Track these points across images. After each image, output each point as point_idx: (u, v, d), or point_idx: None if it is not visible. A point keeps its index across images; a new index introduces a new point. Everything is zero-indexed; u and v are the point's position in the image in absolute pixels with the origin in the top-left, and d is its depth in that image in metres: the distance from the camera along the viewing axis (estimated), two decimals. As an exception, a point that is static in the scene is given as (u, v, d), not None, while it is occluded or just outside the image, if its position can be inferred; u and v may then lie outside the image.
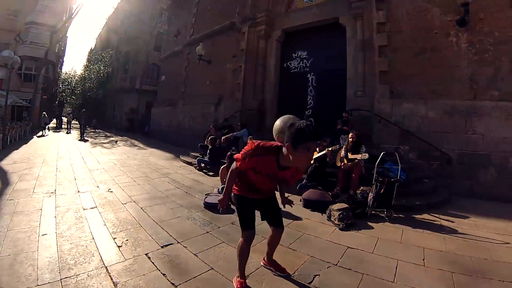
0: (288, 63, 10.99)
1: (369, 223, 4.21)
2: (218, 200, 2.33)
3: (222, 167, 5.72)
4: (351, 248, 3.25)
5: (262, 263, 2.69)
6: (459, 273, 2.73)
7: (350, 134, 5.78)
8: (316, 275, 2.60)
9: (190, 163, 8.81)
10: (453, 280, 2.62)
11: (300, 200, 5.01)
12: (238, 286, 2.28)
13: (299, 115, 9.95)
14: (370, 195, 4.80)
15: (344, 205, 4.37)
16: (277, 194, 2.51)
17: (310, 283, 2.47)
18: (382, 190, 4.67)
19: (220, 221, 3.90)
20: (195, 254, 2.89)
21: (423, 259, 3.03)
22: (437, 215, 4.76)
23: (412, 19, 7.85)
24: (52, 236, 3.07)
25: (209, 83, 13.29)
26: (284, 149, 1.89)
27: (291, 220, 4.12)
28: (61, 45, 29.57)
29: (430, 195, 5.83)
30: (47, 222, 3.49)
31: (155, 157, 10.19)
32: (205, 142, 8.87)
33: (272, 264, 2.62)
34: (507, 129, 6.53)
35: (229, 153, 5.74)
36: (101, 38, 39.68)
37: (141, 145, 14.15)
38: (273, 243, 2.56)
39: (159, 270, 2.53)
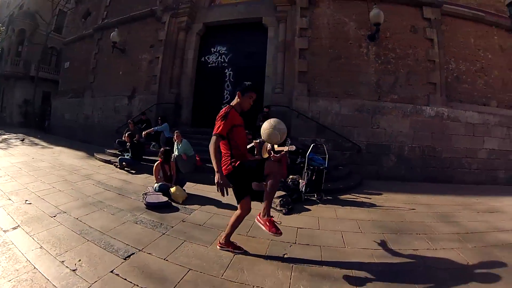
0: (206, 57, 11.03)
1: (306, 206, 4.81)
2: (217, 183, 2.46)
3: (156, 163, 5.47)
4: (300, 228, 3.76)
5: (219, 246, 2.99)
6: (388, 233, 3.69)
7: None
8: (284, 254, 2.99)
9: (109, 162, 8.06)
10: (385, 238, 3.52)
11: None
12: (233, 247, 2.89)
13: (215, 109, 10.55)
14: (302, 182, 5.47)
15: (283, 193, 4.89)
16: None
17: (282, 261, 2.81)
18: (314, 177, 5.38)
19: (170, 221, 3.82)
20: (164, 259, 2.76)
21: (359, 228, 3.87)
22: (356, 195, 5.88)
23: (331, 29, 9.09)
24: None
25: (122, 73, 12.22)
26: (235, 100, 2.86)
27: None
28: None
29: (347, 179, 7.01)
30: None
31: (67, 157, 8.88)
32: (123, 138, 8.28)
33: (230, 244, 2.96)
34: (402, 125, 8.56)
35: (162, 149, 5.63)
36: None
37: (44, 143, 12.03)
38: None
39: (137, 286, 2.31)
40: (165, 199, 4.51)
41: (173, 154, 6.21)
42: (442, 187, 7.38)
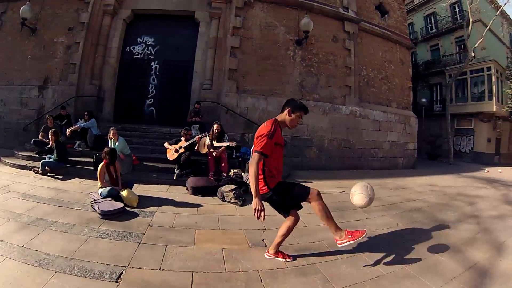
0: (131, 48, 10.31)
1: None
2: (255, 209, 2.47)
3: (100, 166, 4.75)
4: None
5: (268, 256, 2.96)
6: (332, 211, 4.40)
7: (216, 126, 6.61)
8: (263, 239, 3.41)
9: (25, 167, 6.60)
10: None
11: (187, 189, 5.38)
12: (282, 255, 2.90)
13: (139, 103, 10.23)
14: (246, 175, 5.96)
15: (233, 186, 5.22)
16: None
17: (265, 246, 3.19)
18: (257, 169, 5.95)
19: (137, 228, 3.56)
20: (160, 269, 2.60)
21: (308, 210, 4.46)
22: None
23: (263, 30, 9.76)
24: None
25: (31, 58, 10.13)
26: (282, 116, 2.78)
27: (196, 208, 4.53)
28: None
29: None
30: None
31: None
32: (40, 137, 7.41)
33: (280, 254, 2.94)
34: (322, 121, 9.94)
35: (107, 148, 4.92)
36: None
37: None
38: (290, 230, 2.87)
39: None
40: (120, 205, 4.10)
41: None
42: (358, 173, 9.29)
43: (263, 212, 2.49)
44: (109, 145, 6.02)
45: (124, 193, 4.45)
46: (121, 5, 10.17)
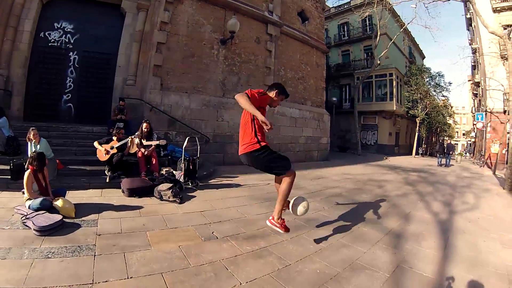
0: (47, 33, 8.97)
1: (189, 194, 5.62)
2: (264, 122, 2.77)
3: (27, 174, 4.13)
4: (203, 211, 4.56)
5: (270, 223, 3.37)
6: (264, 201, 5.42)
7: (145, 125, 6.61)
8: (213, 232, 3.72)
9: None
10: (266, 204, 5.15)
11: (123, 191, 5.25)
12: (283, 226, 3.28)
13: (55, 99, 9.60)
14: (180, 173, 6.36)
15: (169, 184, 5.39)
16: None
17: (217, 238, 3.55)
18: (191, 166, 6.41)
19: (85, 240, 3.24)
20: (129, 278, 2.51)
21: (243, 202, 5.29)
22: (219, 179, 7.44)
23: (190, 27, 9.87)
24: None
25: None
26: (270, 93, 3.27)
27: (138, 210, 4.46)
28: None
29: (204, 167, 8.10)
30: None
31: None
32: None
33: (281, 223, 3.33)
34: None
35: (34, 153, 4.35)
36: None
37: None
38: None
39: None
40: (58, 217, 3.61)
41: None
42: None
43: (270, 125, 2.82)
44: (29, 148, 5.39)
45: (59, 203, 3.98)
46: (38, -19, 8.64)
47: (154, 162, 6.44)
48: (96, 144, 6.11)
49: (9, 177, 5.12)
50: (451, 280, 2.88)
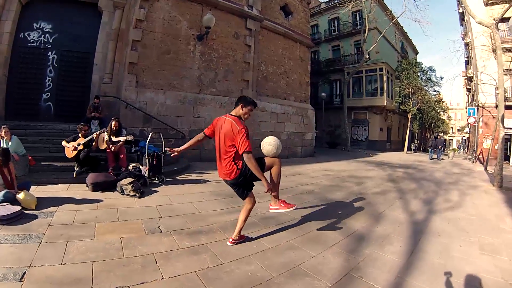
0: (26, 34, 9.51)
1: (153, 189, 6.00)
2: (268, 188, 3.08)
3: None
4: (158, 205, 4.86)
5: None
6: (225, 198, 5.47)
7: (114, 123, 7.02)
8: (159, 226, 3.92)
9: None
10: (225, 201, 5.31)
11: (87, 186, 5.65)
12: (244, 238, 3.53)
13: (35, 98, 10.24)
14: (145, 168, 6.73)
15: (131, 179, 5.73)
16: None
17: (161, 232, 3.72)
18: (155, 162, 6.79)
19: (37, 229, 3.58)
20: (62, 264, 2.78)
21: (203, 198, 5.52)
22: (189, 175, 7.78)
23: (165, 24, 10.18)
24: None
25: None
26: (238, 111, 3.31)
27: (97, 203, 4.79)
28: None
29: (178, 163, 8.55)
30: None
31: None
32: None
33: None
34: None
35: (2, 148, 4.83)
36: None
37: None
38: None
39: None
40: (17, 208, 4.03)
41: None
42: None
43: (275, 189, 3.24)
44: (1, 145, 5.73)
45: (21, 195, 4.35)
46: (17, -17, 9.13)
47: (122, 157, 6.88)
48: (63, 143, 6.50)
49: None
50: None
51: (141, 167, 6.85)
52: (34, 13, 9.63)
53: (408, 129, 25.66)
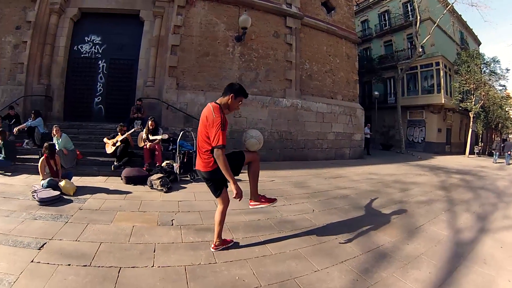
0: (79, 46, 11.00)
1: (182, 185, 6.29)
2: (237, 193, 2.94)
3: (41, 160, 5.50)
4: (181, 201, 5.08)
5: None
6: None
7: (150, 122, 7.67)
8: (172, 219, 4.12)
9: None
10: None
11: (122, 179, 6.28)
12: (227, 243, 3.28)
13: (88, 102, 11.53)
14: (176, 165, 7.04)
15: (161, 175, 6.12)
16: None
17: (172, 225, 3.93)
18: (186, 159, 7.09)
19: (68, 211, 4.22)
20: (76, 240, 3.27)
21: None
22: None
23: (203, 28, 10.65)
24: None
25: None
26: (224, 100, 3.04)
27: (125, 195, 5.29)
28: None
29: None
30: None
31: None
32: None
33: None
34: (261, 113, 10.97)
35: (46, 143, 5.63)
36: None
37: None
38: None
39: (61, 265, 2.71)
40: (56, 192, 4.83)
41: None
42: (298, 164, 10.32)
43: (240, 195, 2.98)
44: (54, 142, 6.71)
45: (62, 183, 5.20)
46: (68, 4, 10.73)
47: (157, 154, 7.39)
48: (105, 139, 7.49)
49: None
50: None
51: (174, 164, 7.17)
52: (85, 28, 11.10)
53: (471, 130, 22.45)
